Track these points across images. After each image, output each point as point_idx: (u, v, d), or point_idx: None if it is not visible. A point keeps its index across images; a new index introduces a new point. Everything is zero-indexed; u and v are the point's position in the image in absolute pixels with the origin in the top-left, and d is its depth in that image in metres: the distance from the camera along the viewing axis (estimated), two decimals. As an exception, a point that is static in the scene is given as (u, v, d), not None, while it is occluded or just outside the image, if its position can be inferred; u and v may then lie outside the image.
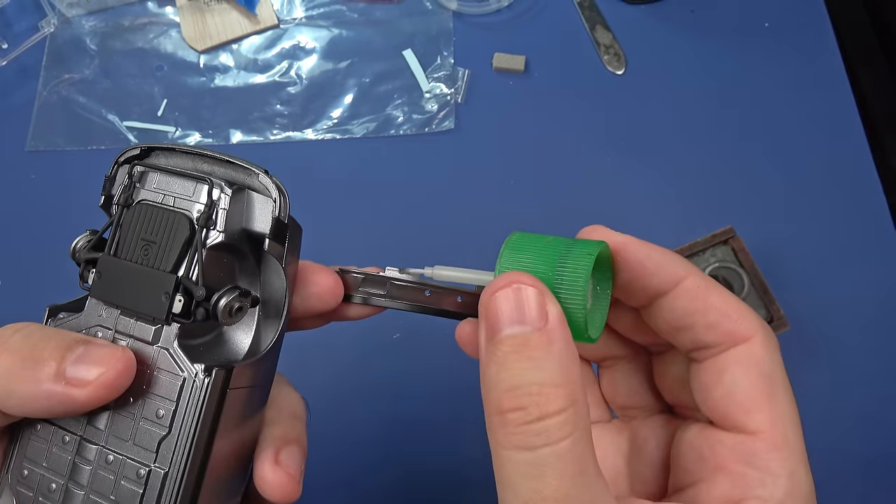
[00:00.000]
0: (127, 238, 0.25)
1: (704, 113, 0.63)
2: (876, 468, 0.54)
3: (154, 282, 0.24)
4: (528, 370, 0.21)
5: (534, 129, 0.64)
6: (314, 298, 0.28)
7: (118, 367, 0.23)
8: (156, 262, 0.24)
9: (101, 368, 0.22)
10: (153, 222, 0.25)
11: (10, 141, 0.66)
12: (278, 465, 0.26)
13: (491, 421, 0.22)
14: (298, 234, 0.28)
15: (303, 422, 0.29)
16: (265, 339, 0.27)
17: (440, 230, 0.61)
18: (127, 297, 0.24)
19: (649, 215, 0.60)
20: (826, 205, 0.60)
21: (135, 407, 0.24)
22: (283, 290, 0.26)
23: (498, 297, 0.22)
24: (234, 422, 0.25)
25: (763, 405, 0.24)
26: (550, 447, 0.21)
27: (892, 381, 0.55)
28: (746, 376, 0.24)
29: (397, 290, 0.29)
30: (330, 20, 0.68)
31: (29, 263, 0.61)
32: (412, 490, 0.54)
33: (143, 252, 0.24)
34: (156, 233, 0.24)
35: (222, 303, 0.24)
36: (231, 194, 0.25)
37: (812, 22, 0.66)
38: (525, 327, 0.22)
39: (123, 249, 0.25)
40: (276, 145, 0.64)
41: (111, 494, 0.23)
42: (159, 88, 0.67)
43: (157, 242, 0.24)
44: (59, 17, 0.69)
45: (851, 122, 0.62)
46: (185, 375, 0.23)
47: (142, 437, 0.23)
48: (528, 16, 0.68)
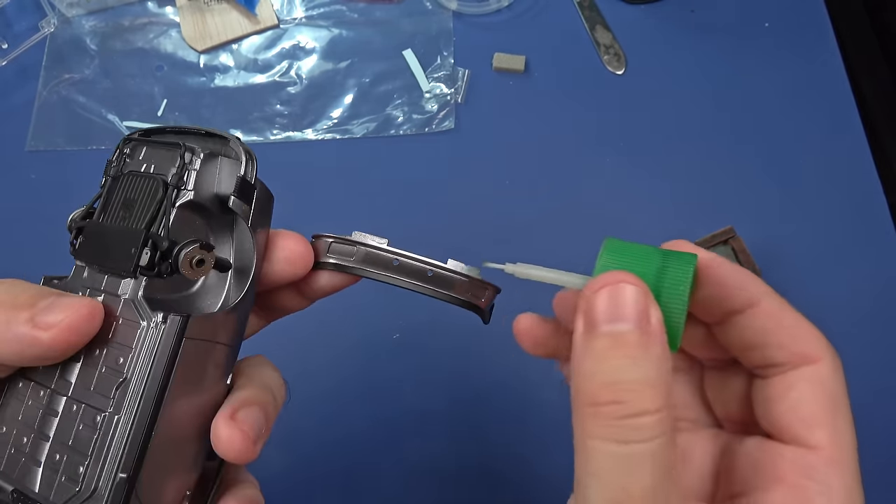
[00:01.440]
0: (111, 204, 0.26)
1: (704, 113, 0.63)
2: (875, 466, 0.54)
3: (127, 238, 0.25)
4: (625, 367, 0.21)
5: (534, 129, 0.64)
6: (283, 263, 0.29)
7: (82, 312, 0.24)
8: (132, 222, 0.25)
9: (67, 313, 0.24)
10: (134, 188, 0.26)
11: (10, 141, 0.66)
12: (233, 421, 0.26)
13: (582, 412, 0.22)
14: (269, 201, 0.29)
15: (272, 394, 0.29)
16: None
17: (440, 230, 0.60)
18: (104, 255, 0.26)
19: (649, 215, 0.60)
20: (826, 205, 0.60)
21: (100, 357, 0.24)
22: (252, 254, 0.27)
23: (602, 293, 0.22)
24: (191, 375, 0.25)
25: (825, 422, 0.24)
26: (644, 444, 0.21)
27: (893, 380, 0.55)
28: (812, 394, 0.25)
29: (370, 258, 0.30)
30: (330, 20, 0.68)
31: (29, 263, 0.61)
32: (412, 490, 0.54)
33: (123, 215, 0.26)
34: (135, 197, 0.26)
35: (183, 254, 0.25)
36: (202, 157, 0.26)
37: (812, 22, 0.66)
38: (626, 325, 0.22)
39: (107, 215, 0.26)
40: (276, 145, 0.64)
41: (69, 441, 0.24)
42: (159, 88, 0.67)
43: (135, 205, 0.26)
44: (59, 17, 0.69)
45: (851, 123, 0.62)
46: (144, 324, 0.24)
47: (102, 385, 0.24)
48: (528, 16, 0.68)
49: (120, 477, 0.23)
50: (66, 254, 0.28)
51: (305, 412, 0.55)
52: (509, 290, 0.32)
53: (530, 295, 0.31)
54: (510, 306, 0.32)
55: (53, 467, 0.24)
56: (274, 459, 0.54)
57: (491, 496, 0.53)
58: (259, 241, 0.28)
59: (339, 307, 0.59)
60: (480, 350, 0.57)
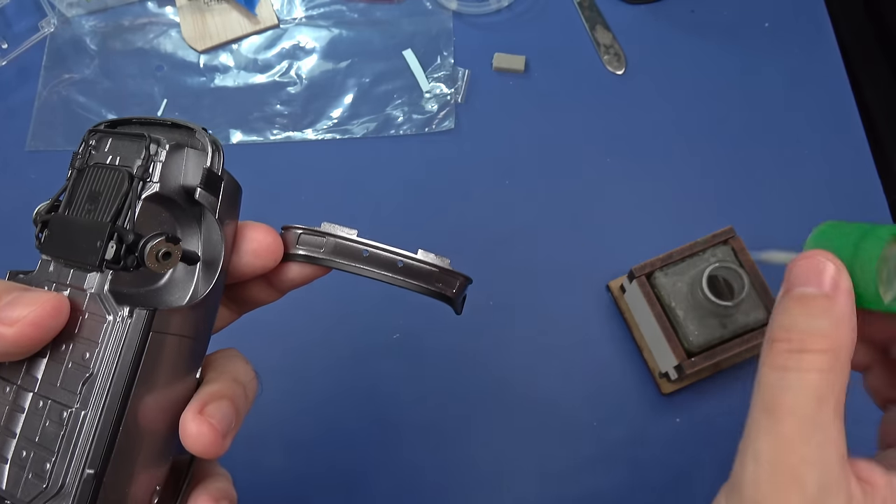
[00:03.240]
0: (76, 197, 0.26)
1: (704, 113, 0.63)
2: (876, 468, 0.54)
3: (92, 232, 0.25)
4: (803, 318, 0.26)
5: (534, 129, 0.64)
6: (252, 255, 0.29)
7: (47, 307, 0.23)
8: (97, 215, 0.25)
9: (31, 308, 0.23)
10: (99, 181, 0.26)
11: (10, 141, 0.66)
12: (202, 416, 0.26)
13: (763, 349, 0.26)
14: (237, 191, 0.28)
15: (243, 387, 0.28)
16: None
17: (440, 230, 0.61)
18: (69, 249, 0.25)
19: (649, 215, 0.60)
20: (826, 205, 0.60)
21: (66, 353, 0.24)
22: (220, 246, 0.27)
23: (800, 263, 0.27)
24: (158, 369, 0.25)
25: None
26: (797, 373, 0.25)
27: (892, 381, 0.55)
28: None
29: (339, 249, 0.29)
30: (330, 20, 0.68)
31: (29, 263, 0.61)
32: (412, 490, 0.54)
33: (88, 208, 0.25)
34: (100, 190, 0.25)
35: (149, 247, 0.24)
36: (168, 149, 0.26)
37: (812, 22, 0.66)
38: (811, 289, 0.26)
39: (72, 208, 0.26)
40: (276, 145, 0.64)
41: (36, 437, 0.24)
42: (159, 88, 0.67)
43: (101, 198, 0.25)
44: (59, 17, 0.69)
45: (851, 122, 0.62)
46: (110, 318, 0.24)
47: (68, 381, 0.24)
48: (528, 16, 0.68)
49: (87, 473, 0.23)
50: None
51: (305, 412, 0.55)
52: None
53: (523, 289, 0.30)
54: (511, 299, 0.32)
55: (20, 464, 0.24)
56: (273, 460, 0.54)
57: (491, 495, 0.53)
58: (227, 233, 0.28)
59: (339, 307, 0.59)
60: (481, 350, 0.57)
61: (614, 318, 0.57)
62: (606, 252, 0.59)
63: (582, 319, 0.57)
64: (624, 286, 0.56)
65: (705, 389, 0.55)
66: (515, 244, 0.60)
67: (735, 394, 0.55)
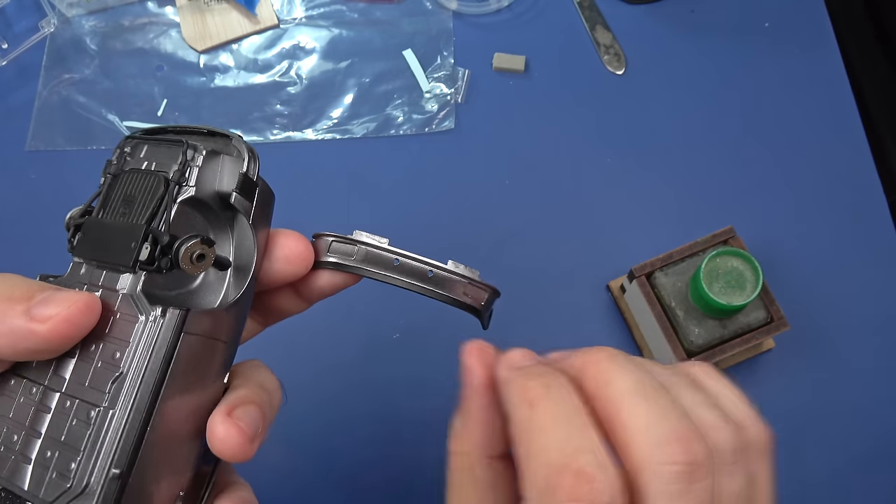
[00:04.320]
0: (111, 201, 0.26)
1: (704, 113, 0.63)
2: (875, 467, 0.54)
3: (127, 233, 0.25)
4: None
5: (534, 129, 0.64)
6: (283, 261, 0.29)
7: (79, 305, 0.23)
8: (132, 218, 0.25)
9: (63, 306, 0.23)
10: (135, 185, 0.26)
11: (10, 141, 0.66)
12: (230, 418, 0.25)
13: None
14: (270, 198, 0.29)
15: (270, 394, 0.28)
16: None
17: (440, 230, 0.61)
18: (103, 251, 0.25)
19: (649, 215, 0.60)
20: (826, 205, 0.60)
21: (96, 352, 0.24)
22: (253, 252, 0.27)
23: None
24: (188, 372, 0.25)
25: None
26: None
27: (892, 380, 0.55)
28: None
29: (370, 258, 0.29)
30: (330, 20, 0.68)
31: (29, 263, 0.61)
32: (413, 491, 0.54)
33: (123, 211, 0.25)
34: (136, 194, 0.25)
35: (183, 248, 0.24)
36: (205, 154, 0.26)
37: (812, 22, 0.66)
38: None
39: (107, 211, 0.26)
40: (276, 145, 0.64)
41: (62, 437, 0.24)
42: (159, 88, 0.67)
43: (136, 202, 0.25)
44: (59, 17, 0.69)
45: (851, 122, 0.62)
46: (142, 318, 0.24)
47: (97, 380, 0.24)
48: (528, 16, 0.68)
49: (113, 472, 0.23)
50: (65, 254, 0.28)
51: (305, 412, 0.55)
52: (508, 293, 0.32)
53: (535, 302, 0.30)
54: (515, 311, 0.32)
55: (44, 464, 0.24)
56: (274, 460, 0.54)
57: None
58: (259, 238, 0.28)
59: (339, 308, 0.59)
60: (480, 350, 0.57)
61: (614, 318, 0.57)
62: (606, 252, 0.59)
63: (582, 319, 0.57)
64: (624, 286, 0.56)
65: (705, 389, 0.55)
66: (515, 244, 0.60)
67: (735, 394, 0.55)
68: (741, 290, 0.47)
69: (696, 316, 0.49)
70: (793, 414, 0.55)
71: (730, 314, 0.48)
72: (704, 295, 0.46)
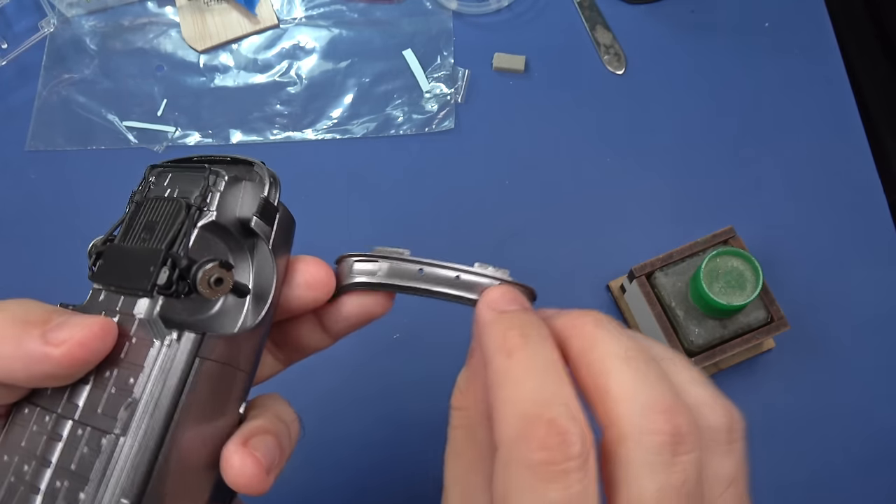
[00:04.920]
0: (133, 228, 0.26)
1: (704, 113, 0.63)
2: (875, 468, 0.54)
3: (146, 258, 0.25)
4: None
5: (534, 129, 0.64)
6: (303, 287, 0.28)
7: (94, 329, 0.23)
8: (152, 243, 0.25)
9: (78, 329, 0.23)
10: (157, 211, 0.26)
11: (10, 141, 0.66)
12: (245, 448, 0.25)
13: None
14: (291, 224, 0.28)
15: (288, 426, 0.28)
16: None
17: (440, 230, 0.61)
18: (122, 276, 0.25)
19: (649, 215, 0.60)
20: (826, 205, 0.60)
21: (110, 378, 0.24)
22: (272, 278, 0.27)
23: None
24: (203, 399, 0.24)
25: None
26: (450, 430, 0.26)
27: (892, 380, 0.55)
28: None
29: (394, 272, 0.29)
30: (330, 20, 0.68)
31: (29, 263, 0.61)
32: (413, 491, 0.54)
33: (144, 237, 0.25)
34: (157, 219, 0.26)
35: (201, 272, 0.24)
36: (227, 180, 0.26)
37: (812, 22, 0.66)
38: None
39: (128, 238, 0.26)
40: (276, 145, 0.64)
41: (72, 466, 0.23)
42: (159, 88, 0.67)
43: (157, 227, 0.25)
44: (59, 17, 0.69)
45: (851, 122, 0.62)
46: (157, 342, 0.23)
47: (110, 406, 0.23)
48: (528, 16, 0.68)
49: (122, 503, 0.22)
50: (65, 254, 0.28)
51: (305, 413, 0.55)
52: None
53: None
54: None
55: (53, 494, 0.23)
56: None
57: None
58: (279, 264, 0.27)
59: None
60: (480, 350, 0.57)
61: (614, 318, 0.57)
62: (606, 252, 0.59)
63: (582, 319, 0.57)
64: (624, 286, 0.56)
65: (705, 389, 0.55)
66: (515, 244, 0.60)
67: (735, 394, 0.54)
68: (741, 290, 0.47)
69: (696, 316, 0.49)
70: (793, 414, 0.55)
71: (730, 314, 0.48)
72: (704, 295, 0.46)
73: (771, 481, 0.53)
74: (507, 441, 0.20)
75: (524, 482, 0.19)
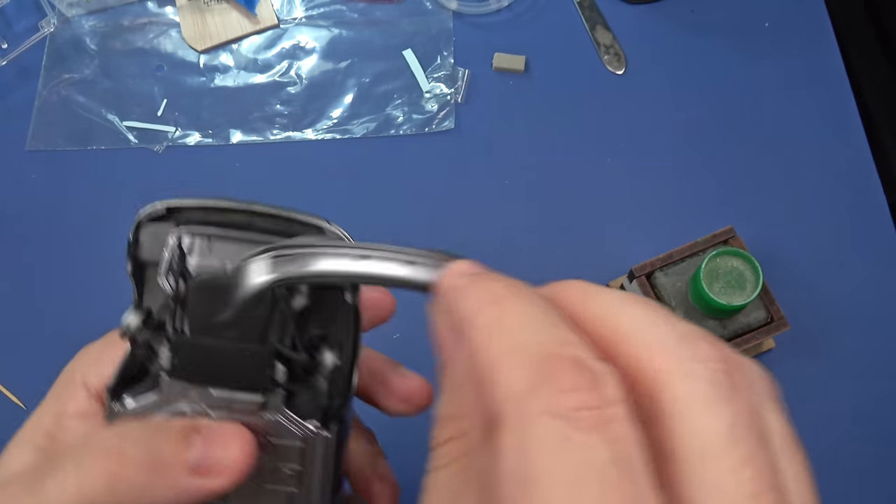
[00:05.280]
0: (198, 313, 0.23)
1: (704, 113, 0.63)
2: (875, 468, 0.54)
3: (248, 356, 0.22)
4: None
5: (534, 129, 0.64)
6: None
7: (245, 448, 0.21)
8: (244, 335, 0.22)
9: (229, 451, 0.21)
10: (225, 293, 0.22)
11: (10, 141, 0.66)
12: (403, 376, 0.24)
13: None
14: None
15: None
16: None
17: (440, 230, 0.60)
18: (216, 375, 0.23)
19: (649, 215, 0.60)
20: (826, 205, 0.60)
21: (259, 477, 0.22)
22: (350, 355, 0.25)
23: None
24: (340, 482, 0.24)
25: None
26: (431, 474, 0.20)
27: (892, 380, 0.55)
28: None
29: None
30: (330, 20, 0.68)
31: (29, 263, 0.61)
32: (413, 491, 0.54)
33: (223, 327, 0.22)
34: (232, 304, 0.22)
35: (329, 360, 0.23)
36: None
37: (812, 22, 0.66)
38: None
39: (197, 326, 0.23)
40: (276, 145, 0.64)
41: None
42: (159, 88, 0.67)
43: (238, 315, 0.22)
44: (59, 17, 0.69)
45: (851, 122, 0.62)
46: (305, 435, 0.22)
47: (274, 500, 0.23)
48: (528, 16, 0.68)
49: None
50: (65, 255, 0.28)
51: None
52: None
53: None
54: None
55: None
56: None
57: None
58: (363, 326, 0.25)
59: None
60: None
61: (614, 318, 0.57)
62: (606, 252, 0.59)
63: (582, 319, 0.57)
64: (624, 286, 0.56)
65: (705, 389, 0.55)
66: (515, 244, 0.60)
67: (735, 394, 0.55)
68: (741, 290, 0.47)
69: (696, 316, 0.49)
70: (793, 414, 0.54)
71: (730, 314, 0.48)
72: (704, 295, 0.46)
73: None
74: (520, 393, 0.15)
75: (554, 438, 0.14)
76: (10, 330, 0.59)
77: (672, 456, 0.15)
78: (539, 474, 0.13)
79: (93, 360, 0.25)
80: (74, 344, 0.27)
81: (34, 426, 0.24)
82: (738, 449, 0.15)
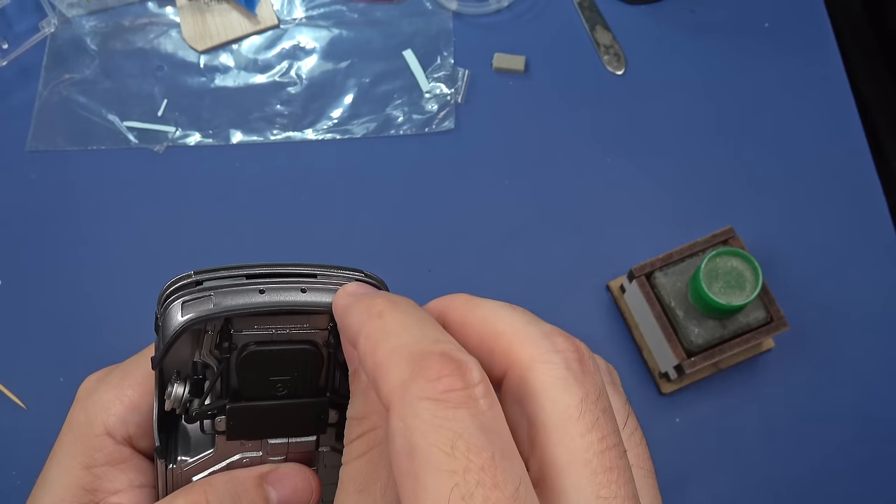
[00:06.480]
0: (250, 382, 0.24)
1: (704, 113, 0.63)
2: (875, 468, 0.54)
3: (304, 411, 0.25)
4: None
5: (534, 129, 0.64)
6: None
7: (313, 484, 0.24)
8: (296, 394, 0.24)
9: (299, 491, 0.24)
10: (276, 362, 0.24)
11: (10, 141, 0.66)
12: None
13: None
14: None
15: None
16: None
17: (440, 230, 0.61)
18: (273, 430, 0.25)
19: (649, 215, 0.60)
20: (826, 205, 0.60)
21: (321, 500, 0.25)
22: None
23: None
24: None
25: None
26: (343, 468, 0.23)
27: (892, 380, 0.55)
28: None
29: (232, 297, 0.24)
30: (330, 20, 0.68)
31: (29, 263, 0.61)
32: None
33: (276, 390, 0.24)
34: (283, 370, 0.24)
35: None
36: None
37: (812, 22, 0.66)
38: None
39: (250, 393, 0.24)
40: (276, 145, 0.64)
41: None
42: (159, 88, 0.67)
43: (290, 377, 0.24)
44: (60, 17, 0.69)
45: (851, 122, 0.62)
46: None
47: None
48: (528, 16, 0.68)
49: None
50: (65, 255, 0.28)
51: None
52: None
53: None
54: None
55: None
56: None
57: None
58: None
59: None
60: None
61: (614, 318, 0.58)
62: (606, 252, 0.59)
63: (582, 319, 0.57)
64: (624, 286, 0.56)
65: (705, 389, 0.55)
66: (515, 244, 0.60)
67: (735, 394, 0.55)
68: (741, 290, 0.47)
69: (696, 316, 0.49)
70: (792, 414, 0.55)
71: (730, 314, 0.48)
72: (704, 295, 0.46)
73: (770, 481, 0.53)
74: (401, 384, 0.18)
75: (429, 416, 0.17)
76: (10, 330, 0.59)
77: (538, 425, 0.19)
78: (421, 445, 0.17)
79: (107, 406, 0.26)
80: (74, 344, 0.27)
81: (66, 484, 0.25)
82: (586, 417, 0.19)
